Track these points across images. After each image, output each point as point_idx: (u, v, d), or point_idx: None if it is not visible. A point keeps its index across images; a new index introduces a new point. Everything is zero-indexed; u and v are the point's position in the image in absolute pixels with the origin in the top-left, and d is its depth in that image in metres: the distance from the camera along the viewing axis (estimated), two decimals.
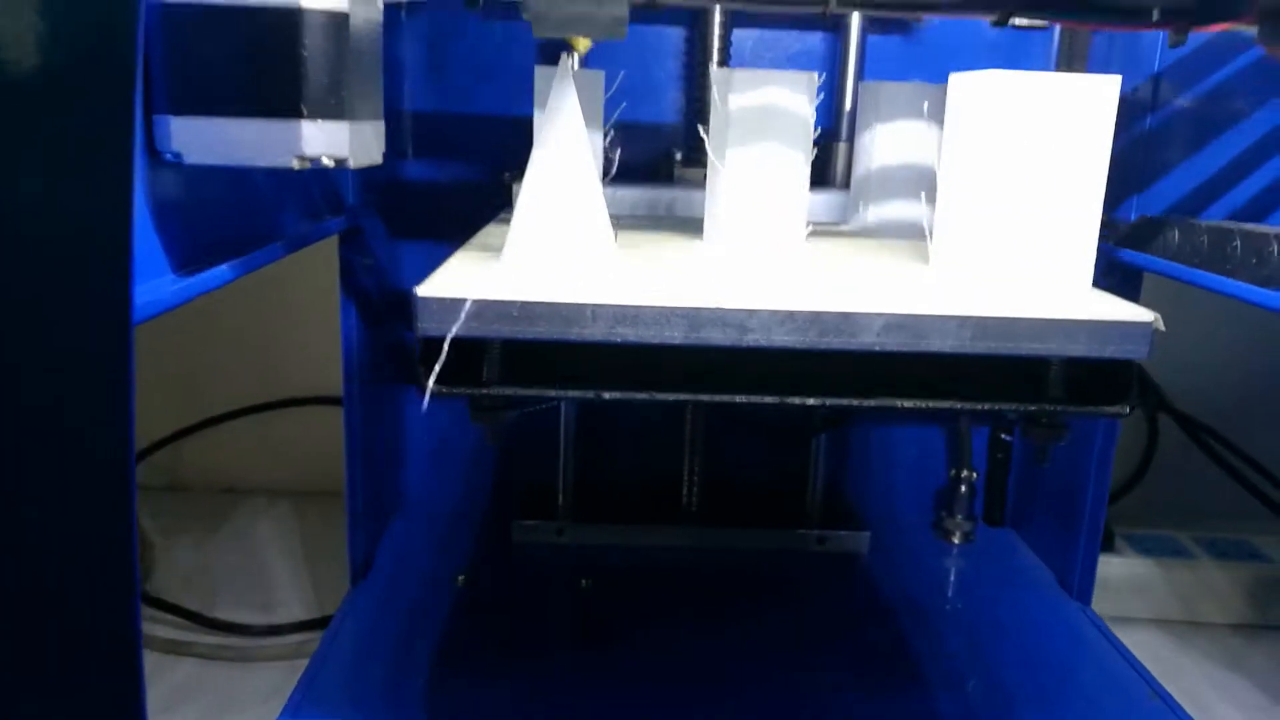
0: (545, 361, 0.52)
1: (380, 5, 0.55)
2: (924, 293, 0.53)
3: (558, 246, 0.53)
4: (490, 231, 0.69)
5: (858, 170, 0.78)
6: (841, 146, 0.93)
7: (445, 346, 0.48)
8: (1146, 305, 0.50)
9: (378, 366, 0.97)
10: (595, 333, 0.49)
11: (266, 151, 0.48)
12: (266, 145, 0.48)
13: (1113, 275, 0.83)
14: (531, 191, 0.53)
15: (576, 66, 0.53)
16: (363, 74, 0.51)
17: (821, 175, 0.95)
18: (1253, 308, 0.58)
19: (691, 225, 0.75)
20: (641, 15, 0.92)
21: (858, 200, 0.78)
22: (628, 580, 0.94)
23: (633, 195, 0.86)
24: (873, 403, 0.52)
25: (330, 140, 0.49)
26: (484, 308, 0.48)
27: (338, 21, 0.48)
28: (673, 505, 1.05)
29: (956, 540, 1.07)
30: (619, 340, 0.49)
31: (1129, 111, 0.84)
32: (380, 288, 0.95)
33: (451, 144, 0.99)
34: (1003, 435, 1.06)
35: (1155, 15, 0.61)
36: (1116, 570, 1.03)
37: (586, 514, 1.03)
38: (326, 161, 0.49)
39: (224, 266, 0.54)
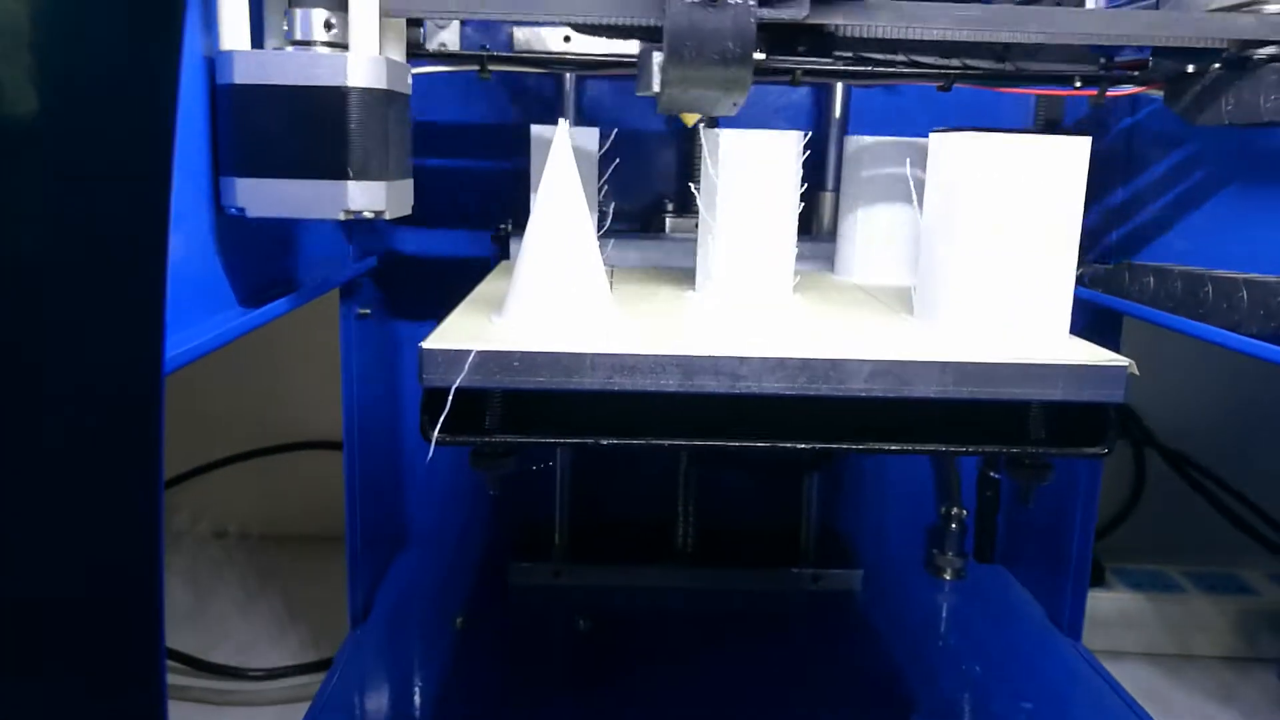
0: (544, 410, 0.54)
1: (410, 80, 0.63)
2: (908, 340, 0.56)
3: (557, 300, 0.55)
4: (490, 284, 0.71)
5: (844, 222, 0.81)
6: (829, 196, 0.96)
7: (450, 397, 0.50)
8: (1133, 343, 0.52)
9: (377, 411, 0.99)
10: (594, 382, 0.51)
11: (317, 207, 0.55)
12: (317, 201, 0.55)
13: (1094, 318, 0.86)
14: (532, 248, 0.55)
15: (569, 126, 0.56)
16: (397, 139, 0.59)
17: (809, 224, 0.98)
18: None
19: (683, 276, 0.77)
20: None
21: (845, 250, 0.81)
22: (624, 621, 0.95)
23: (627, 247, 0.89)
24: (861, 447, 0.54)
25: (371, 197, 0.56)
26: (487, 359, 0.51)
27: (377, 97, 0.56)
28: (668, 546, 1.07)
29: (948, 577, 1.08)
30: (616, 388, 0.51)
31: (1108, 159, 0.87)
32: (378, 335, 0.98)
33: (450, 197, 1.02)
34: (991, 473, 1.08)
35: (1077, 82, 0.70)
36: (1107, 604, 1.05)
37: (583, 555, 1.04)
38: (367, 215, 0.57)
39: (281, 301, 0.63)
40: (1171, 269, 0.70)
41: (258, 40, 0.58)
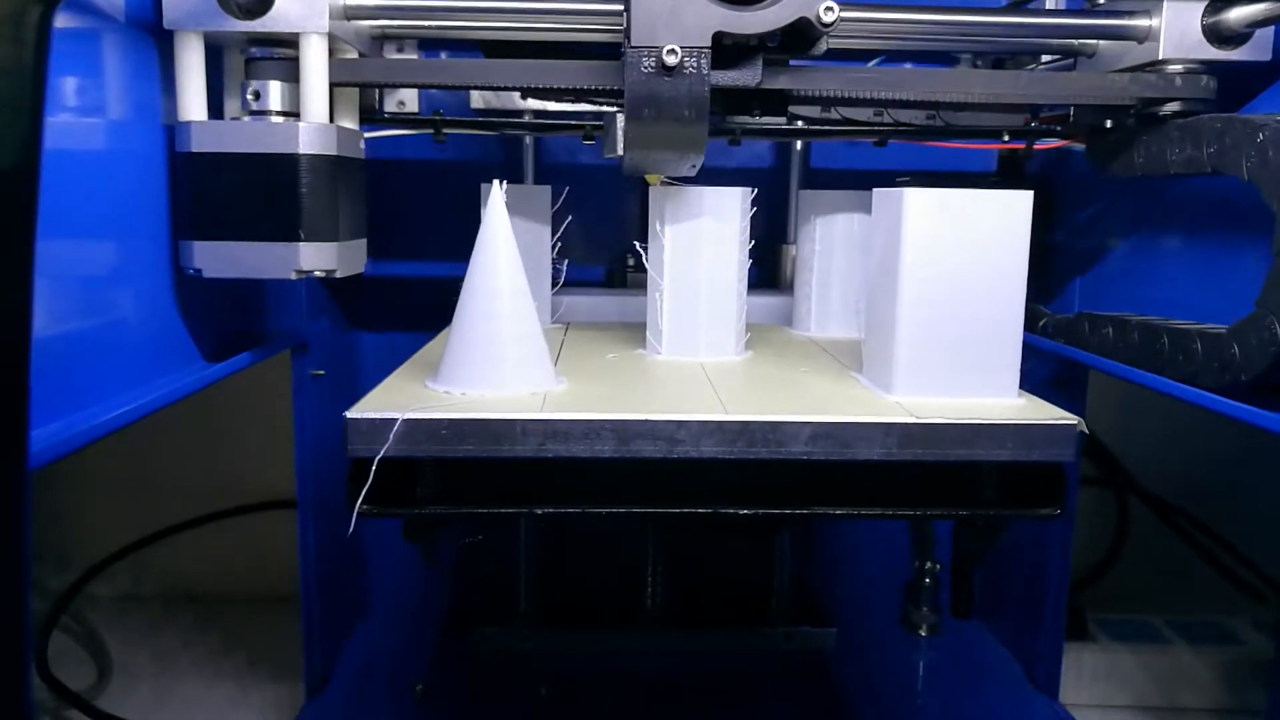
0: (478, 479, 0.53)
1: (362, 145, 0.65)
2: (852, 400, 0.54)
3: (489, 365, 0.54)
4: (435, 345, 0.70)
5: (799, 275, 0.80)
6: (790, 249, 0.95)
7: (373, 467, 0.48)
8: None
9: (334, 471, 0.96)
10: (525, 449, 0.49)
11: (270, 267, 0.58)
12: (271, 262, 0.58)
13: (1059, 368, 0.85)
14: (464, 313, 0.54)
15: (504, 190, 0.54)
16: (349, 201, 0.61)
17: (771, 278, 0.97)
18: None
19: (638, 332, 0.76)
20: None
21: (801, 304, 0.80)
22: (590, 687, 0.92)
23: (585, 301, 0.88)
24: (804, 511, 0.53)
25: (322, 257, 0.59)
26: (413, 427, 0.49)
27: (328, 163, 0.58)
28: (635, 606, 1.04)
29: (923, 633, 1.05)
30: (550, 455, 0.50)
31: (1069, 207, 0.87)
32: (334, 394, 0.96)
33: (408, 253, 1.01)
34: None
35: (1005, 136, 0.76)
36: (1091, 657, 1.02)
37: (547, 618, 1.02)
38: (319, 274, 0.59)
39: (245, 355, 0.66)
40: (1129, 319, 0.69)
41: (217, 109, 0.60)
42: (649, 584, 1.03)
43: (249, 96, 0.58)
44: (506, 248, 0.54)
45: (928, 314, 0.54)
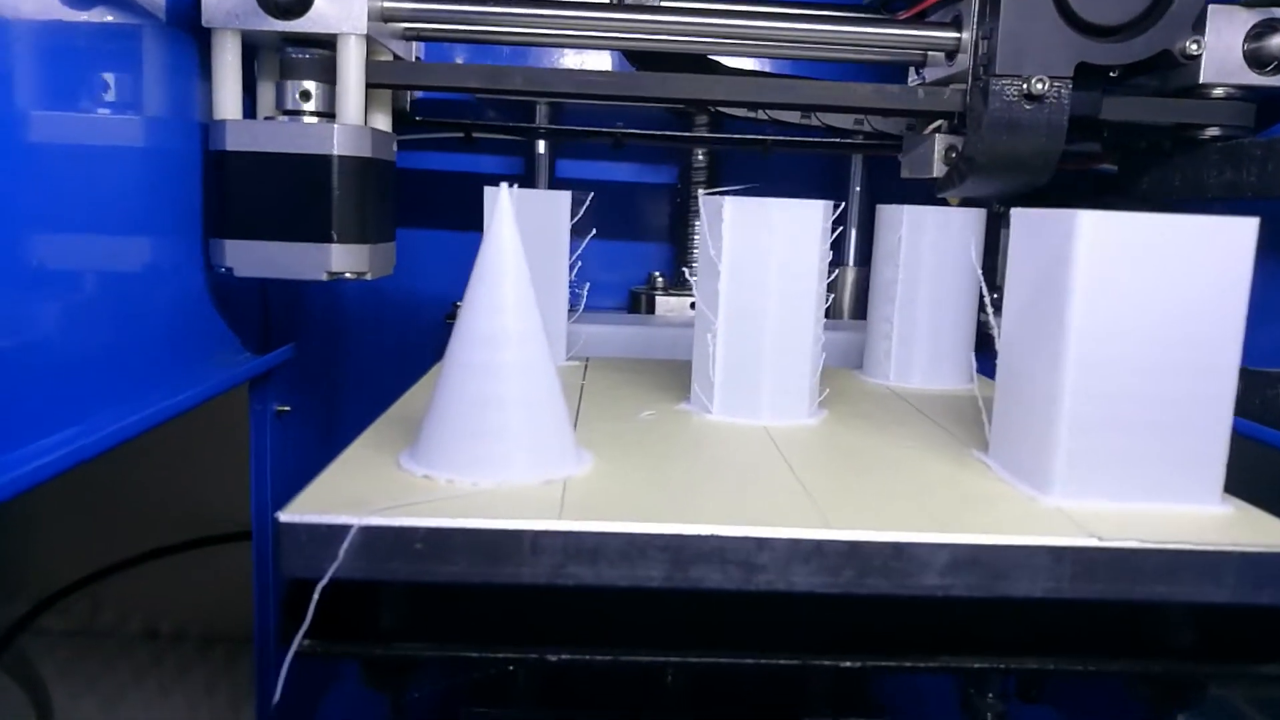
0: (469, 603, 0.37)
1: (394, 148, 0.64)
2: (993, 504, 0.39)
3: (490, 438, 0.38)
4: (417, 394, 0.54)
5: (878, 308, 0.64)
6: (850, 272, 0.80)
7: (315, 597, 0.33)
8: None
9: None
10: (537, 573, 0.34)
11: (301, 268, 0.57)
12: (302, 263, 0.57)
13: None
14: (452, 361, 0.39)
15: (513, 195, 0.39)
16: (380, 204, 0.61)
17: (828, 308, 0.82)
18: None
19: (675, 375, 0.61)
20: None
21: (878, 344, 0.64)
22: None
23: (605, 331, 0.72)
24: (932, 664, 0.37)
25: (353, 259, 0.58)
26: (375, 537, 0.34)
27: (362, 165, 0.58)
28: (653, 688, 0.88)
29: None
30: (572, 583, 0.34)
31: None
32: (304, 434, 0.81)
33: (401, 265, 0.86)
34: None
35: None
36: None
37: (551, 699, 0.86)
38: (349, 276, 0.58)
39: (287, 347, 0.69)
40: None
41: (251, 108, 0.59)
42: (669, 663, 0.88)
43: (298, 96, 0.57)
44: (515, 273, 0.39)
45: (1104, 386, 0.38)
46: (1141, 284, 0.38)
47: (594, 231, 0.64)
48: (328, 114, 0.58)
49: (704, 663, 0.37)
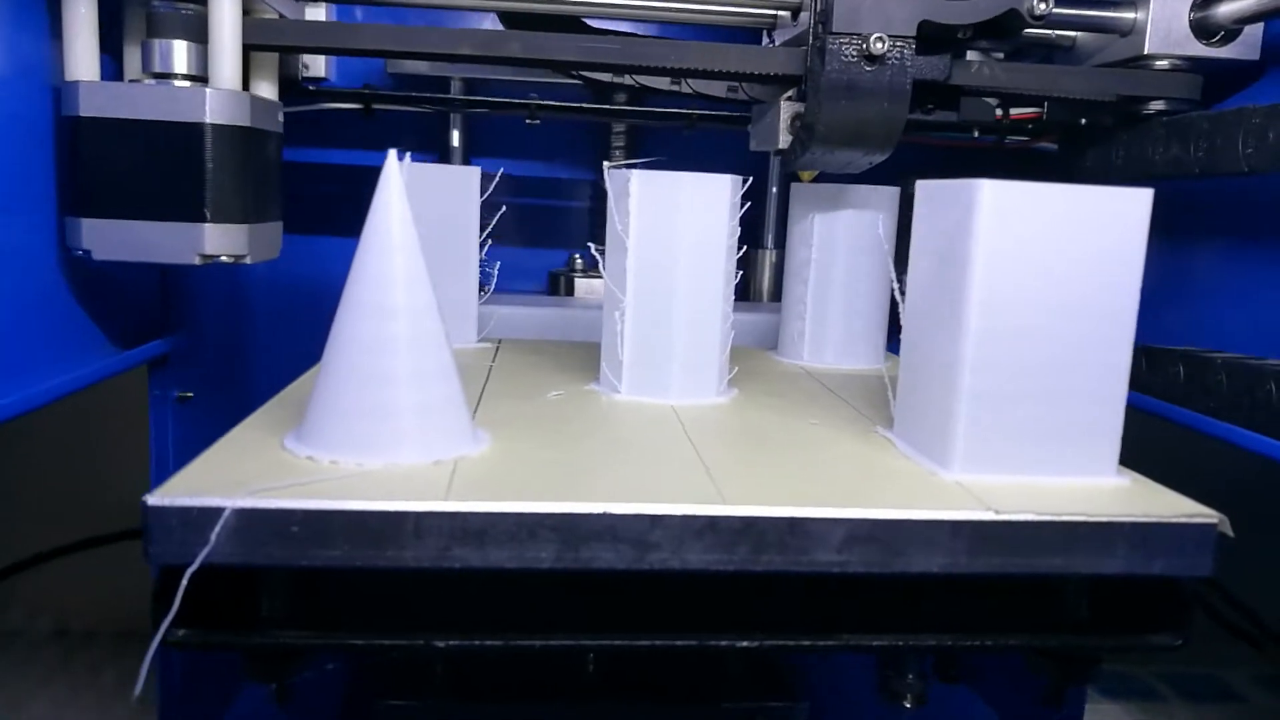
0: (355, 588, 0.36)
1: (281, 118, 0.59)
2: (893, 479, 0.39)
3: (376, 416, 0.37)
4: (309, 380, 0.52)
5: (791, 288, 0.64)
6: (766, 255, 0.80)
7: (183, 584, 0.31)
8: None
9: None
10: (422, 557, 0.33)
11: (171, 250, 0.52)
12: (171, 245, 0.52)
13: None
14: (342, 341, 0.37)
15: (406, 163, 0.37)
16: (263, 179, 0.56)
17: (745, 290, 0.82)
18: None
19: (588, 354, 0.60)
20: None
21: (791, 325, 0.64)
22: None
23: (521, 313, 0.71)
24: (831, 642, 0.37)
25: (230, 241, 0.53)
26: (249, 521, 0.32)
27: (240, 134, 0.52)
28: (571, 674, 0.88)
29: (908, 705, 0.91)
30: (458, 566, 0.33)
31: None
32: (211, 419, 0.78)
33: (312, 249, 0.83)
34: None
35: (975, 133, 0.74)
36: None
37: (467, 690, 0.85)
38: (226, 259, 0.53)
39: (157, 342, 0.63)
40: (1212, 357, 0.55)
41: (116, 71, 0.54)
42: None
43: (166, 56, 0.51)
44: (404, 245, 0.37)
45: (1004, 357, 0.38)
46: (1041, 254, 0.38)
47: (504, 209, 0.62)
48: (202, 78, 0.52)
49: (598, 645, 0.36)
